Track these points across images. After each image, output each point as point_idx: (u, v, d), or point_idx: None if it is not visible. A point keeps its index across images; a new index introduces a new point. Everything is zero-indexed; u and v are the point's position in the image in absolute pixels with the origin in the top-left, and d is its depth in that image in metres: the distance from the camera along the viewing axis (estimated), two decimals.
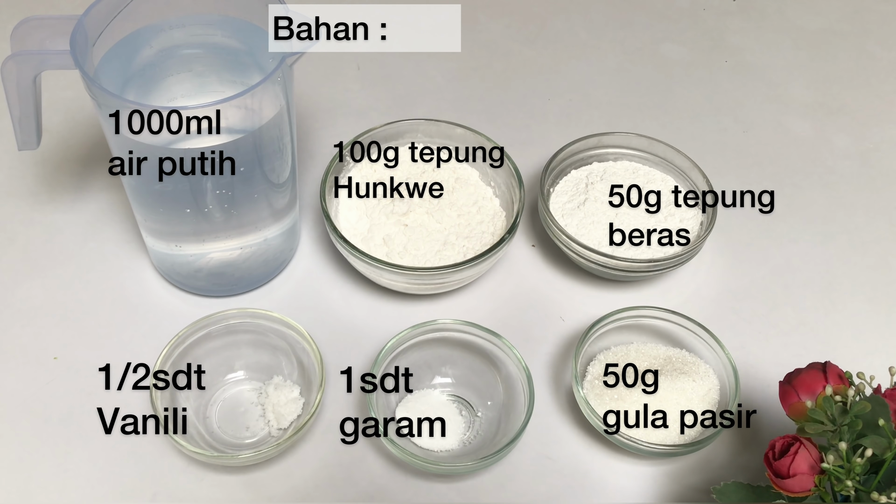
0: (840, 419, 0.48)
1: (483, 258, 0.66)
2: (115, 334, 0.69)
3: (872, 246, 0.79)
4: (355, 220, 0.72)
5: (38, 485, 0.61)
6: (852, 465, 0.46)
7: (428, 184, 0.74)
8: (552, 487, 0.62)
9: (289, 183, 0.67)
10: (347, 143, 0.73)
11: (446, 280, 0.67)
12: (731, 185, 0.82)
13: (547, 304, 0.73)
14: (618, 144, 0.78)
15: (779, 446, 0.49)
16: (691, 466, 0.63)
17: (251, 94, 0.56)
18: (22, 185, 0.78)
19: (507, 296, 0.73)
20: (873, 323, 0.73)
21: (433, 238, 0.71)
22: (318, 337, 0.66)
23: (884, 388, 0.51)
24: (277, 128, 0.61)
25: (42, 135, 0.66)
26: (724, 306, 0.73)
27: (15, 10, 0.94)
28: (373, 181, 0.74)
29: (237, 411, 0.65)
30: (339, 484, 0.62)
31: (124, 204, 0.77)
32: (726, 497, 0.52)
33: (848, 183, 0.84)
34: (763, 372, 0.69)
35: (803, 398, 0.52)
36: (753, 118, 0.90)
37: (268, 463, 0.63)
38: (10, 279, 0.72)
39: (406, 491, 0.62)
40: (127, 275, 0.73)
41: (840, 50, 0.98)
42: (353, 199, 0.73)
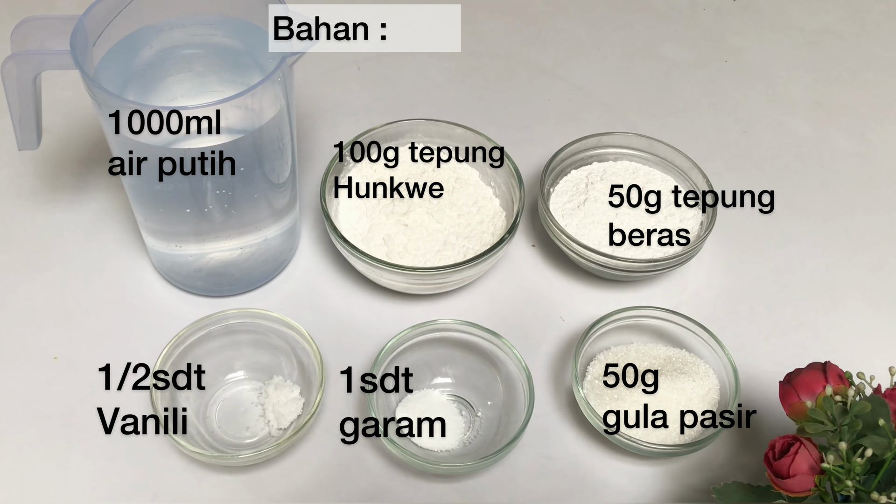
0: (840, 419, 0.48)
1: (483, 258, 0.66)
2: (114, 334, 0.69)
3: (872, 245, 0.79)
4: (355, 220, 0.72)
5: (38, 484, 0.61)
6: (852, 465, 0.46)
7: (428, 184, 0.74)
8: (552, 487, 0.62)
9: (288, 183, 0.67)
10: (347, 143, 0.73)
11: (446, 280, 0.67)
12: (731, 185, 0.82)
13: (547, 304, 0.73)
14: (617, 144, 0.78)
15: (779, 446, 0.49)
16: (691, 466, 0.63)
17: (251, 94, 0.56)
18: (22, 185, 0.78)
19: (508, 296, 0.73)
20: (873, 322, 0.73)
21: (433, 238, 0.71)
22: (318, 337, 0.66)
23: (884, 388, 0.51)
24: (278, 128, 0.61)
25: (42, 135, 0.66)
26: (724, 306, 0.73)
27: (15, 10, 0.94)
28: (373, 181, 0.74)
29: (237, 411, 0.65)
30: (339, 484, 0.62)
31: (124, 204, 0.77)
32: (726, 497, 0.52)
33: (848, 183, 0.84)
34: (763, 372, 0.69)
35: (803, 398, 0.52)
36: (753, 118, 0.90)
37: (268, 463, 0.62)
38: (10, 279, 0.72)
39: (406, 491, 0.62)
40: (127, 275, 0.73)
41: (840, 50, 0.98)
42: (353, 199, 0.73)
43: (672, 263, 0.70)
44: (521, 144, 0.82)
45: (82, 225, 0.76)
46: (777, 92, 0.93)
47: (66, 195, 0.78)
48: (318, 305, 0.72)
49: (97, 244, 0.75)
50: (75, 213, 0.77)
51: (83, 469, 0.62)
